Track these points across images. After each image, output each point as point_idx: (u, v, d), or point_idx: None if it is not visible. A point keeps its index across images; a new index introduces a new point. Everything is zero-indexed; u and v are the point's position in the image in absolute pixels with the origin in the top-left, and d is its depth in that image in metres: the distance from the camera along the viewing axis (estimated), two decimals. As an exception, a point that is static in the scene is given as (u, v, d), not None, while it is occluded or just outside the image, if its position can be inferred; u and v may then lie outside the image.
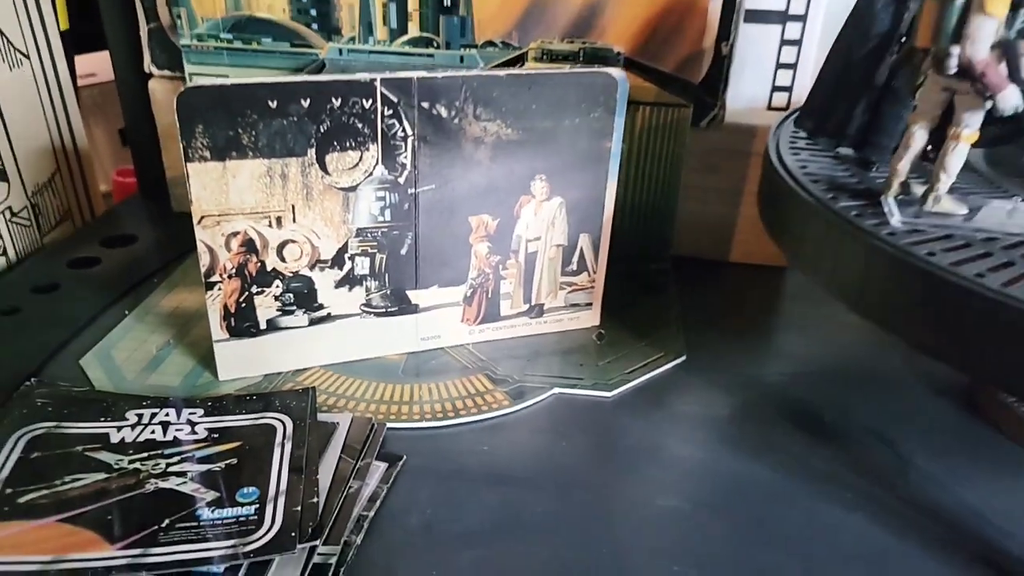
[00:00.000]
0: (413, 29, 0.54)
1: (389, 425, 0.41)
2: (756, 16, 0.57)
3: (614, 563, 0.34)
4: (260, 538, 0.33)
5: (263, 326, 0.44)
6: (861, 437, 0.43)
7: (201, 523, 0.34)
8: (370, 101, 0.40)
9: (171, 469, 0.37)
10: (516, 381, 0.46)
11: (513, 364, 0.47)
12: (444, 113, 0.42)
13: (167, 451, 0.38)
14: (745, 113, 0.58)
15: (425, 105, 0.41)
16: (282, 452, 0.38)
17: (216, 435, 0.39)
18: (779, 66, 0.59)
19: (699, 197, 0.58)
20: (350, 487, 0.37)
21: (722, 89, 0.54)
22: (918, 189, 0.37)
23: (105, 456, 0.37)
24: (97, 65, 0.80)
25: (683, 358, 0.49)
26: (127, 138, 0.68)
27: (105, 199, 0.73)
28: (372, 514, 0.36)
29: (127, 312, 0.51)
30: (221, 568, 0.32)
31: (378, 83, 0.40)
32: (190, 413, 0.40)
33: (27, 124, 0.60)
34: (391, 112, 0.41)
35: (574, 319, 0.51)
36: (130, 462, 0.37)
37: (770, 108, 0.60)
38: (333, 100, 0.40)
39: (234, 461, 0.37)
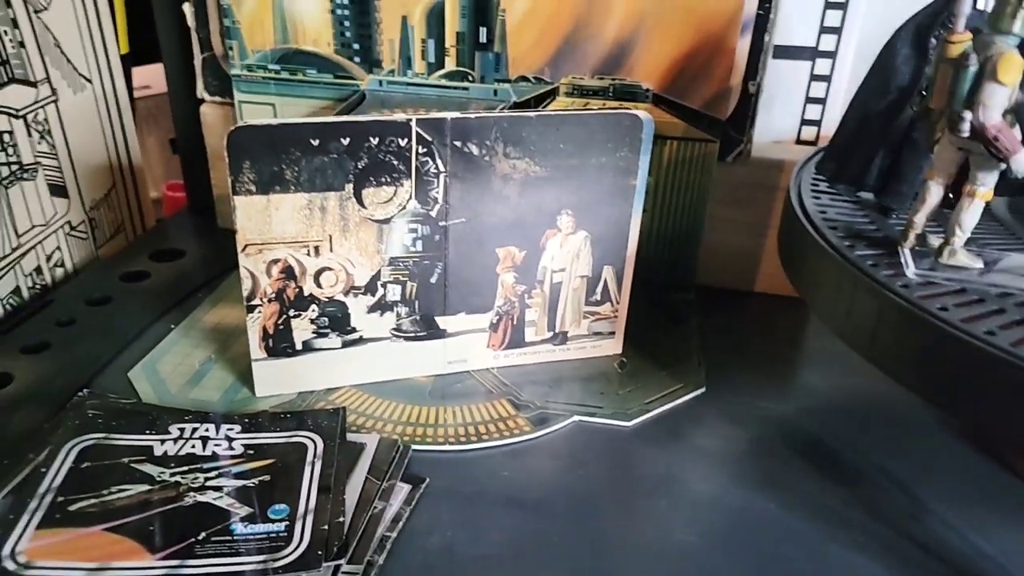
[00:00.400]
0: (450, 64, 0.56)
1: (414, 447, 0.43)
2: (786, 52, 0.58)
3: (623, 593, 0.36)
4: (289, 555, 0.35)
5: (299, 347, 0.46)
6: (877, 478, 0.44)
7: (235, 537, 0.36)
8: (405, 140, 0.43)
9: (209, 483, 0.39)
10: (538, 407, 0.47)
11: (536, 390, 0.49)
12: (475, 151, 0.44)
13: (206, 465, 0.40)
14: (773, 147, 0.59)
15: (457, 144, 0.43)
16: (312, 471, 0.40)
17: (251, 451, 0.41)
18: (808, 100, 0.60)
19: (725, 228, 0.60)
20: (375, 507, 0.39)
21: (748, 125, 0.56)
22: (935, 241, 0.38)
23: (149, 468, 0.40)
24: (152, 78, 0.84)
25: (702, 390, 0.50)
26: (179, 156, 0.72)
27: (155, 205, 0.77)
28: (395, 535, 0.38)
29: (173, 326, 0.54)
30: None
31: (413, 123, 0.42)
32: (228, 429, 0.43)
33: (87, 143, 0.64)
34: (425, 150, 0.43)
35: (597, 347, 0.52)
36: (171, 475, 0.39)
37: (799, 142, 0.61)
38: (371, 139, 0.42)
39: (267, 478, 0.40)
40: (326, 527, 0.36)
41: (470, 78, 0.56)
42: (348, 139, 0.42)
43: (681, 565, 0.37)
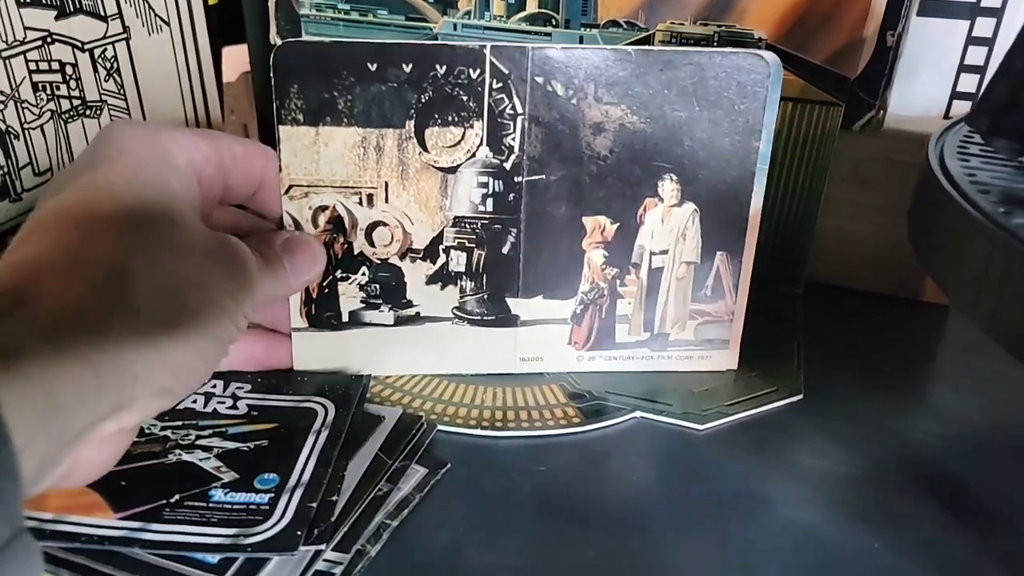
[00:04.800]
0: (532, 5, 0.49)
1: (440, 427, 0.37)
2: (938, 8, 0.48)
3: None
4: (264, 531, 0.29)
5: (345, 318, 0.40)
6: (1017, 524, 0.34)
7: (211, 505, 0.31)
8: (478, 72, 0.36)
9: (199, 442, 0.34)
10: (594, 397, 0.40)
11: (594, 379, 0.42)
12: (560, 91, 0.37)
13: (202, 423, 0.35)
14: (915, 122, 0.49)
15: (539, 80, 0.37)
16: (316, 440, 0.34)
17: (255, 413, 0.36)
18: (963, 68, 0.50)
19: (844, 213, 0.50)
20: (379, 490, 0.33)
21: (884, 86, 0.46)
22: None
23: None
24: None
25: (799, 397, 0.41)
26: (256, 108, 0.69)
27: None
28: (396, 523, 0.32)
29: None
30: (215, 559, 0.29)
31: (488, 51, 0.36)
32: (237, 387, 0.38)
33: (160, 89, 0.62)
34: (500, 86, 0.37)
35: (706, 358, 0.42)
36: (161, 429, 0.35)
37: (947, 118, 0.50)
38: (437, 67, 0.36)
39: (264, 443, 0.34)
40: (314, 505, 0.31)
41: (554, 22, 0.49)
42: (411, 65, 0.36)
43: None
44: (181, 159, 0.30)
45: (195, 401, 0.37)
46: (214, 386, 0.38)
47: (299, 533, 0.29)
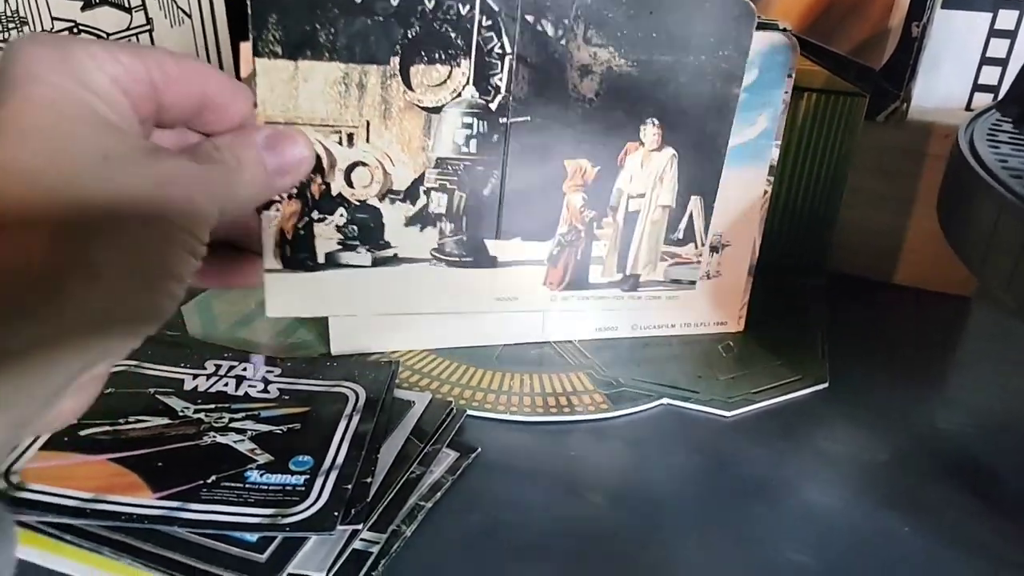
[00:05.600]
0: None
1: (470, 412, 0.37)
2: (961, 1, 0.48)
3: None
4: (302, 511, 0.30)
5: (321, 259, 0.38)
6: (1048, 510, 0.34)
7: (247, 485, 0.31)
8: (467, 7, 0.35)
9: (233, 425, 0.34)
10: (620, 384, 0.40)
11: (621, 367, 0.42)
12: (550, 31, 0.36)
13: (234, 406, 0.36)
14: (938, 113, 0.49)
15: (529, 19, 0.36)
16: (348, 424, 0.35)
17: (287, 397, 0.37)
18: (984, 61, 0.50)
19: (865, 204, 0.50)
20: (412, 472, 0.33)
21: (908, 77, 0.46)
22: None
23: (174, 402, 0.36)
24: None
25: (824, 385, 0.41)
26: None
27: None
28: (430, 505, 0.32)
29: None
30: (255, 537, 0.29)
31: None
32: (267, 371, 0.38)
33: (182, 81, 0.62)
34: (490, 23, 0.35)
35: (673, 299, 0.43)
36: (195, 411, 0.35)
37: (969, 110, 0.50)
38: (426, 2, 0.34)
39: (297, 426, 0.35)
40: (349, 486, 0.31)
41: None
42: None
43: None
44: (102, 77, 0.25)
45: (227, 384, 0.37)
46: (244, 369, 0.38)
47: (336, 513, 0.30)
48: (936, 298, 0.51)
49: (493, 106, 0.37)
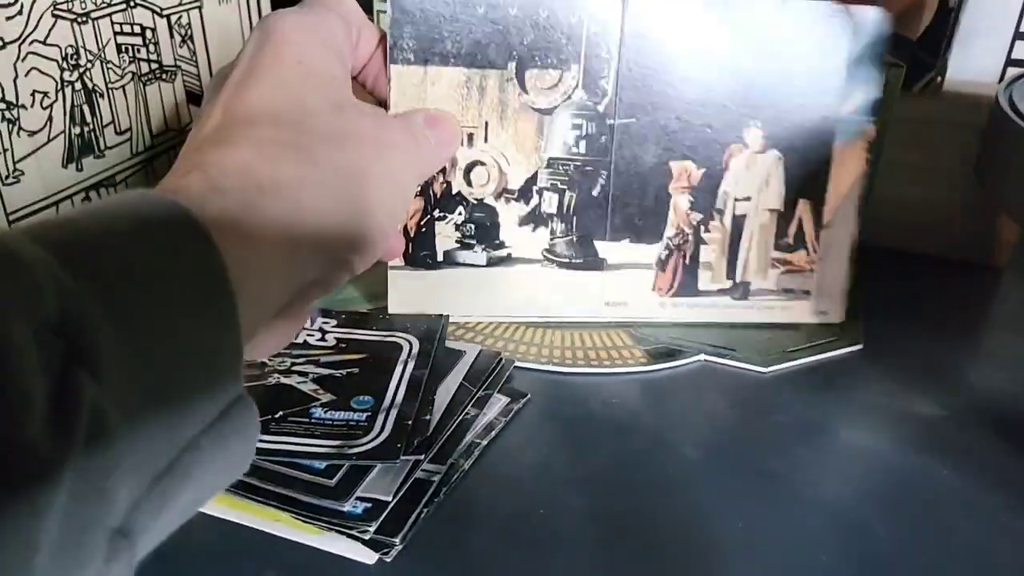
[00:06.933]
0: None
1: (517, 363, 0.39)
2: (995, -26, 0.49)
3: (749, 542, 0.30)
4: (367, 443, 0.31)
5: (440, 257, 0.41)
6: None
7: (313, 421, 0.33)
8: (576, 16, 0.38)
9: (295, 368, 0.36)
10: (659, 341, 0.42)
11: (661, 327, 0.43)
12: (655, 35, 0.38)
13: (295, 352, 0.38)
14: (973, 86, 0.50)
15: (635, 26, 0.38)
16: (404, 369, 0.36)
17: (344, 345, 0.38)
18: (1018, 36, 0.51)
19: (899, 175, 0.51)
20: (467, 414, 0.35)
21: (944, 48, 0.47)
22: None
23: None
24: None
25: (859, 346, 0.43)
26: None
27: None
28: (485, 443, 0.33)
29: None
30: (323, 465, 0.31)
31: None
32: (324, 322, 0.40)
33: (230, 58, 0.64)
34: (597, 31, 0.38)
35: (787, 309, 0.43)
36: None
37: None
38: (540, 11, 0.37)
39: (356, 371, 0.36)
40: (410, 422, 0.33)
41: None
42: (516, 9, 0.37)
43: (821, 518, 0.31)
44: (337, 38, 0.30)
45: None
46: None
47: (399, 445, 0.31)
48: (969, 269, 0.51)
49: (601, 108, 0.39)
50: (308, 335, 0.39)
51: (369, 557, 0.28)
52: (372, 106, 0.30)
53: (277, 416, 0.33)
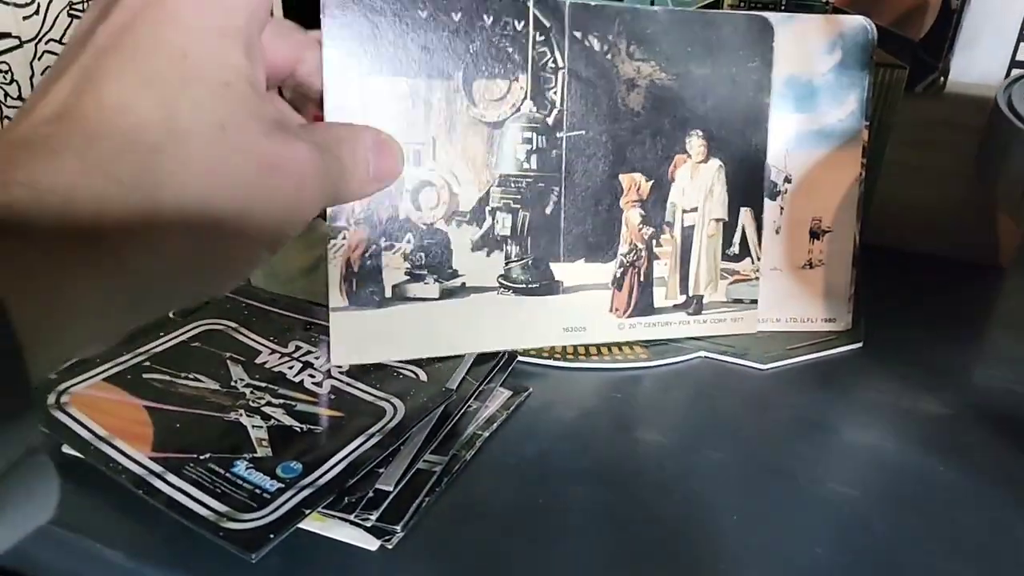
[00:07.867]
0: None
1: (519, 358, 0.40)
2: (1000, -25, 0.49)
3: (746, 534, 0.30)
4: (245, 521, 0.28)
5: (388, 293, 0.36)
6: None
7: (227, 474, 0.30)
8: (522, 23, 0.37)
9: (265, 409, 0.34)
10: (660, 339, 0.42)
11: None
12: (596, 45, 0.38)
13: (281, 391, 0.35)
14: (975, 87, 0.50)
15: (577, 34, 0.37)
16: (363, 443, 0.32)
17: (332, 396, 0.35)
18: (1022, 37, 0.51)
19: (901, 176, 0.51)
20: (469, 406, 0.35)
21: (947, 49, 0.47)
22: None
23: (237, 371, 0.36)
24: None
25: (860, 344, 0.43)
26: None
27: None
28: (487, 434, 0.34)
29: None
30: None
31: (531, 3, 0.37)
32: (337, 366, 0.37)
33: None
34: (543, 39, 0.37)
35: (737, 320, 0.42)
36: (245, 385, 0.35)
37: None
38: (485, 17, 0.36)
39: (316, 429, 0.33)
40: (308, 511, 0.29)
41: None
42: (460, 14, 0.35)
43: (823, 512, 0.31)
44: (242, 23, 0.23)
45: (291, 367, 0.37)
46: (317, 357, 0.38)
47: (271, 536, 0.28)
48: (970, 269, 0.52)
49: (550, 120, 0.38)
50: (311, 376, 0.36)
51: (371, 544, 0.29)
52: (275, 123, 0.24)
53: (201, 458, 0.31)
